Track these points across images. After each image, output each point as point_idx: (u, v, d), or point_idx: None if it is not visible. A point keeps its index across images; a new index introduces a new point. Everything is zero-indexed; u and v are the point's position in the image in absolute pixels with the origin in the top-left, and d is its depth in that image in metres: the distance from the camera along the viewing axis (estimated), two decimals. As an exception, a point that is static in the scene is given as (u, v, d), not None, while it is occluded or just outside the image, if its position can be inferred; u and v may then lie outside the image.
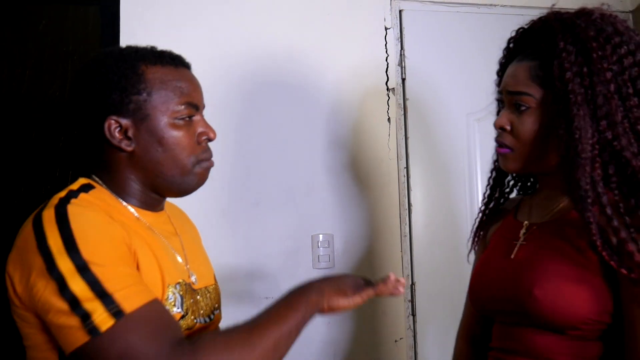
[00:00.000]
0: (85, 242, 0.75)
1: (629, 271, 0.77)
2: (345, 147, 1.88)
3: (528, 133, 0.90)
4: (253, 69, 1.84)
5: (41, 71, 1.75)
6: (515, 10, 2.08)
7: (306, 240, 1.82)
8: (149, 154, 0.90)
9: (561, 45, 0.85)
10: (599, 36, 0.84)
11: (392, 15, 1.97)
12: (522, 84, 0.91)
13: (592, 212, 0.81)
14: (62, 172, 1.72)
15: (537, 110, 0.89)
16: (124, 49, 0.94)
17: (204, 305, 0.97)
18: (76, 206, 0.80)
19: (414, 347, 1.86)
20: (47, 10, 1.78)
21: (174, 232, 1.00)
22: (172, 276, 0.89)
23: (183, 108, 0.91)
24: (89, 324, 0.70)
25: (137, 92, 0.88)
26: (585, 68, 0.83)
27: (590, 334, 0.82)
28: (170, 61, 0.93)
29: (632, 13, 2.19)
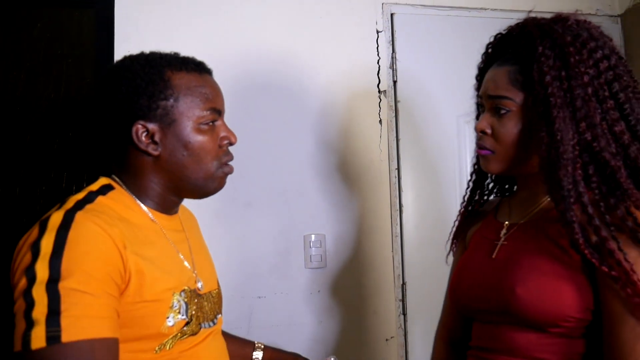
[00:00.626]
0: (71, 256, 0.76)
1: (609, 269, 0.79)
2: (337, 148, 1.90)
3: (509, 136, 0.92)
4: (246, 72, 1.86)
5: (36, 74, 1.77)
6: (505, 14, 2.10)
7: (298, 240, 1.85)
8: (174, 158, 0.92)
9: (540, 50, 0.87)
10: (575, 41, 0.87)
11: (383, 18, 2.00)
12: (503, 88, 0.92)
13: (574, 211, 0.83)
14: (57, 174, 1.74)
15: (518, 113, 0.91)
16: (149, 54, 0.96)
17: (209, 310, 0.99)
18: (85, 215, 0.81)
19: (405, 345, 1.88)
20: (42, 14, 1.80)
21: (184, 238, 1.02)
22: (179, 282, 0.91)
23: (208, 113, 0.94)
24: (27, 336, 0.71)
25: (164, 98, 0.91)
26: (564, 72, 0.86)
27: (571, 331, 0.84)
28: (195, 67, 0.97)
29: (620, 17, 2.22)
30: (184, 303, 0.90)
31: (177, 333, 0.89)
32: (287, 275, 1.83)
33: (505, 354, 0.89)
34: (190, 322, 0.91)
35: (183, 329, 0.90)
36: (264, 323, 1.79)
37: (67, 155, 1.76)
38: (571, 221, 0.82)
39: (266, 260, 1.82)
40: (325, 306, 1.84)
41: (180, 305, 0.89)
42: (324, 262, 1.85)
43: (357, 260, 1.89)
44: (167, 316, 0.87)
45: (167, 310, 0.87)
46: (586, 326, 0.83)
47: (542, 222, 0.92)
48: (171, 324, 0.87)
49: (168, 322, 0.87)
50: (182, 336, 0.90)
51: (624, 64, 0.89)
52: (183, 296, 0.91)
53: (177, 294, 0.90)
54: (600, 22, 2.16)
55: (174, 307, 0.88)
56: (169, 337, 0.87)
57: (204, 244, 1.16)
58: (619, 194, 0.82)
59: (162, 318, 0.86)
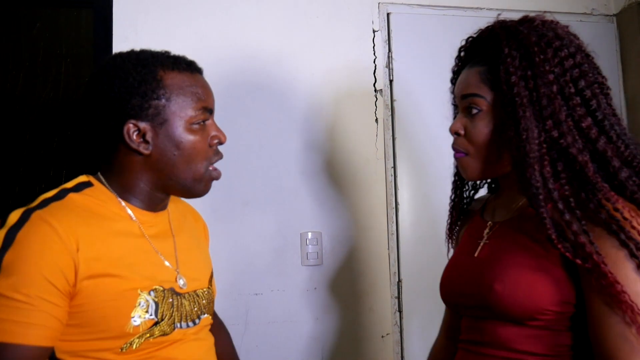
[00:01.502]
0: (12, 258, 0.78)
1: (583, 261, 0.80)
2: (333, 147, 1.92)
3: (481, 136, 0.94)
4: (243, 71, 1.88)
5: (35, 73, 1.79)
6: (502, 14, 2.12)
7: (295, 238, 1.86)
8: (165, 157, 0.92)
9: (506, 51, 0.89)
10: (540, 41, 0.89)
11: (380, 18, 2.01)
12: (474, 86, 0.95)
13: (546, 207, 0.84)
14: (55, 172, 1.76)
15: (488, 113, 0.93)
16: (140, 53, 0.96)
17: (190, 310, 0.96)
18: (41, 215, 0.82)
19: (401, 342, 1.90)
20: (41, 14, 1.82)
21: (169, 235, 1.01)
22: (148, 282, 0.90)
23: (199, 113, 0.94)
24: None
25: (156, 98, 0.91)
26: (529, 71, 0.88)
27: (552, 324, 0.85)
28: (186, 67, 0.96)
29: (615, 16, 2.23)
30: (153, 302, 0.89)
31: (145, 333, 0.87)
32: (284, 273, 1.85)
33: (490, 347, 0.92)
34: (161, 322, 0.90)
35: (151, 328, 0.88)
36: (261, 320, 1.81)
37: (66, 154, 1.77)
38: (543, 217, 0.84)
39: (263, 257, 1.83)
40: (322, 303, 1.86)
41: (149, 305, 0.88)
42: (321, 259, 1.87)
43: (353, 258, 1.91)
44: (132, 315, 0.86)
45: (132, 309, 0.86)
46: (571, 318, 0.85)
47: (522, 219, 0.93)
48: (137, 324, 0.86)
49: (133, 322, 0.86)
50: (151, 336, 0.88)
51: (590, 61, 0.91)
52: (153, 295, 0.89)
53: (145, 293, 0.88)
54: (595, 22, 2.19)
55: (141, 306, 0.87)
56: (134, 337, 0.86)
57: (200, 241, 1.14)
58: (589, 188, 0.83)
59: (125, 318, 0.85)
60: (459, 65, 1.06)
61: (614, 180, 0.85)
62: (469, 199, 1.16)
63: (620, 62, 2.22)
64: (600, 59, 2.34)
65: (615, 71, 2.21)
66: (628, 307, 0.76)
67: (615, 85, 2.21)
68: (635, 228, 0.79)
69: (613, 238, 0.80)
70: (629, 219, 0.79)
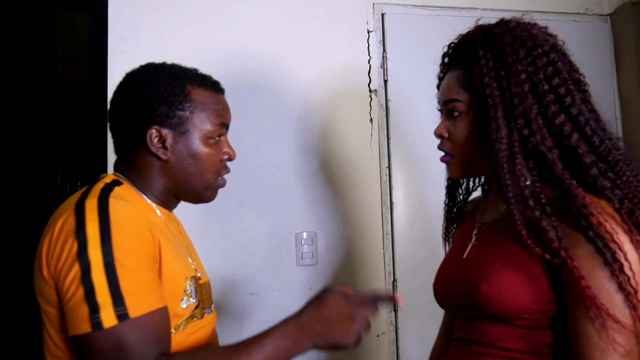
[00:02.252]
0: (119, 238, 0.83)
1: (552, 257, 0.82)
2: (328, 147, 1.93)
3: (462, 137, 0.97)
4: (238, 72, 1.89)
5: (31, 74, 1.79)
6: (496, 14, 2.11)
7: (290, 238, 1.87)
8: (181, 165, 1.00)
9: (480, 53, 0.92)
10: (514, 41, 0.90)
11: (374, 18, 2.02)
12: (453, 91, 0.98)
13: (517, 205, 0.86)
14: (51, 172, 1.76)
15: (468, 115, 0.96)
16: (172, 67, 1.04)
17: (206, 299, 1.05)
18: (117, 199, 0.88)
19: (396, 341, 1.91)
20: (36, 15, 1.82)
21: (180, 233, 1.10)
22: (188, 270, 0.98)
23: (217, 128, 1.02)
24: (96, 318, 0.78)
25: (182, 109, 0.99)
26: (503, 72, 0.90)
27: (535, 322, 0.86)
28: (212, 86, 1.05)
29: (609, 16, 2.24)
30: (193, 288, 0.97)
31: (189, 315, 0.94)
32: (279, 273, 1.86)
33: (479, 346, 0.93)
34: (199, 306, 0.98)
35: (194, 311, 0.95)
36: (257, 319, 1.81)
37: (62, 154, 1.78)
38: (514, 215, 0.86)
39: (259, 257, 1.84)
40: (317, 302, 1.86)
41: (192, 290, 0.96)
42: (316, 259, 1.88)
43: (348, 258, 1.91)
44: (182, 298, 0.93)
45: (182, 293, 0.93)
46: (552, 317, 0.86)
47: (506, 220, 0.94)
48: (185, 307, 0.93)
49: (182, 305, 0.93)
50: (192, 319, 0.95)
51: (566, 59, 0.93)
52: (192, 282, 0.97)
53: (189, 279, 0.96)
54: (590, 21, 2.20)
55: (187, 291, 0.94)
56: (183, 319, 0.93)
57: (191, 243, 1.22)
58: (559, 185, 0.85)
59: (178, 300, 0.92)
60: (443, 71, 1.08)
61: (586, 177, 0.86)
62: (462, 202, 1.18)
63: (614, 61, 2.23)
64: (595, 58, 2.36)
65: (610, 70, 2.22)
66: (593, 304, 0.78)
67: (609, 84, 2.22)
68: (602, 224, 0.80)
69: (581, 235, 0.81)
70: (596, 216, 0.80)
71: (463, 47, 1.00)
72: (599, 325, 0.78)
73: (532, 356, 0.87)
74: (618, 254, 0.78)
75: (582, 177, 0.86)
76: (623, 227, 0.81)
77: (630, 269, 0.78)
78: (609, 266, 0.78)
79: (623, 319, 0.77)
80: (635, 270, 0.78)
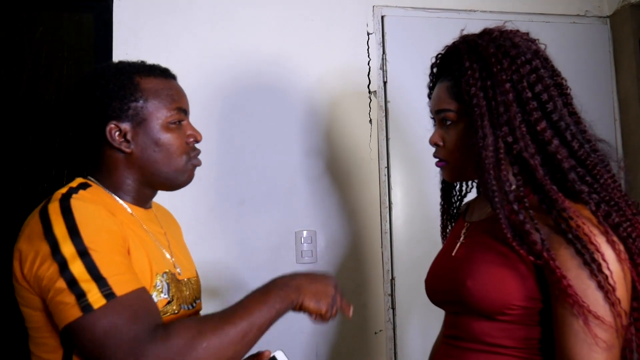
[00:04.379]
0: (86, 230, 0.85)
1: (536, 259, 0.86)
2: (328, 147, 1.96)
3: (454, 144, 1.01)
4: (240, 73, 1.93)
5: (38, 76, 1.83)
6: (494, 16, 2.15)
7: (290, 236, 1.91)
8: (146, 154, 1.01)
9: (467, 65, 0.96)
10: (498, 51, 0.94)
11: (374, 20, 2.05)
12: (443, 101, 1.02)
13: (503, 209, 0.90)
14: (57, 172, 1.81)
15: (458, 123, 1.00)
16: (119, 63, 1.05)
17: (188, 295, 1.06)
18: (78, 200, 0.90)
19: (394, 339, 1.94)
20: (43, 18, 1.86)
21: (160, 231, 1.10)
22: (160, 266, 0.98)
23: (175, 113, 1.03)
24: (84, 301, 0.79)
25: (134, 100, 1.00)
26: (488, 81, 0.93)
27: (519, 318, 0.90)
28: (160, 73, 1.06)
29: (609, 18, 2.26)
30: (165, 284, 0.98)
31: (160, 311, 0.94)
32: (279, 271, 1.84)
33: (466, 341, 0.97)
34: (172, 301, 0.98)
35: (165, 307, 0.96)
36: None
37: (67, 154, 1.82)
38: (499, 218, 0.90)
39: (258, 255, 1.88)
40: (316, 300, 1.90)
41: (163, 286, 0.97)
42: (315, 257, 1.91)
43: (347, 256, 1.95)
44: (151, 294, 0.92)
45: (151, 289, 0.94)
46: (537, 313, 0.89)
47: (492, 219, 0.98)
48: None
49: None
50: (164, 314, 0.96)
51: (548, 65, 0.97)
52: (165, 277, 0.98)
53: (160, 275, 0.97)
54: (589, 23, 2.21)
55: (157, 287, 0.95)
56: None
57: (181, 239, 1.23)
58: (540, 190, 0.89)
59: None
60: (433, 81, 1.12)
61: (565, 181, 0.90)
62: (457, 202, 1.22)
63: (613, 62, 2.25)
64: (594, 59, 2.37)
65: (609, 72, 2.24)
66: (575, 302, 0.81)
67: (608, 86, 2.23)
68: (580, 227, 0.84)
69: (561, 237, 0.85)
70: (574, 219, 0.84)
71: (449, 58, 1.03)
72: (583, 322, 0.81)
73: (516, 351, 0.91)
74: (596, 255, 0.82)
75: (562, 182, 0.90)
76: (600, 229, 0.85)
77: (607, 269, 0.82)
78: (588, 266, 0.82)
79: (604, 316, 0.81)
80: (613, 269, 0.82)
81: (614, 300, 0.81)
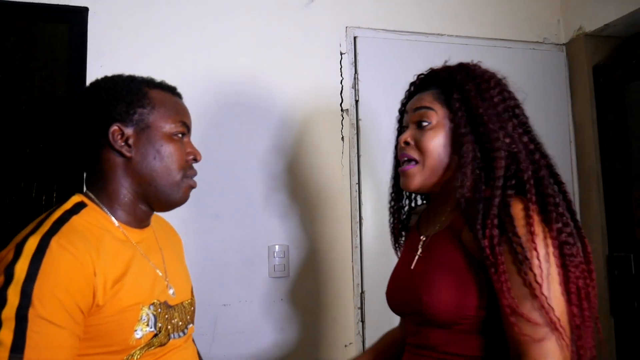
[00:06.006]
0: (42, 285, 0.80)
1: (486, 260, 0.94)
2: (301, 163, 2.00)
3: (430, 145, 1.07)
4: (214, 89, 1.95)
5: (9, 86, 1.79)
6: (460, 40, 2.25)
7: (263, 250, 1.93)
8: (145, 161, 1.00)
9: (459, 79, 1.06)
10: (483, 75, 1.07)
11: (347, 41, 2.12)
12: (428, 101, 1.09)
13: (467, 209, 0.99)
14: (26, 184, 1.77)
15: (439, 126, 1.07)
16: (129, 75, 1.07)
17: (179, 321, 1.04)
18: (59, 241, 0.85)
19: (362, 351, 1.98)
20: (15, 27, 1.83)
21: (157, 249, 1.08)
22: (148, 297, 0.96)
23: (179, 125, 1.04)
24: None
25: (141, 106, 1.01)
26: (478, 97, 1.04)
27: (473, 327, 0.97)
28: (168, 89, 1.08)
29: (565, 45, 2.40)
30: (152, 316, 0.95)
31: (145, 345, 0.93)
32: (252, 284, 1.91)
33: (425, 349, 1.04)
34: (159, 334, 0.96)
35: (151, 340, 0.94)
36: (228, 330, 1.86)
37: (38, 166, 1.79)
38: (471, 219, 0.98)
39: (232, 269, 1.89)
40: (288, 313, 1.93)
41: (149, 318, 0.94)
42: (287, 271, 1.94)
43: (318, 270, 1.98)
44: (135, 329, 0.91)
45: (136, 323, 0.92)
46: (482, 322, 0.97)
47: (445, 232, 1.07)
48: (139, 337, 0.92)
49: (136, 335, 0.91)
50: (150, 347, 0.94)
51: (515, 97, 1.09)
52: (152, 309, 0.96)
53: (146, 307, 0.95)
54: (547, 50, 2.34)
55: (142, 320, 0.93)
56: (136, 349, 0.92)
57: (180, 255, 1.22)
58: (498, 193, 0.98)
59: (129, 331, 0.91)
60: (407, 96, 1.21)
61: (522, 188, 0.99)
62: (406, 218, 1.29)
63: (569, 88, 2.38)
64: (551, 84, 2.51)
65: (565, 96, 2.37)
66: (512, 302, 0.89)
67: (564, 109, 2.37)
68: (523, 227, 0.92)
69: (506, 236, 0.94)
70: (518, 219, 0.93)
71: (436, 75, 1.12)
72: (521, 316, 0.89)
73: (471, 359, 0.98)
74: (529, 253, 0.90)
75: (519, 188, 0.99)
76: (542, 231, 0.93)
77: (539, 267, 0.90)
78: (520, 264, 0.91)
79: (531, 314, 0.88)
80: (543, 268, 0.90)
81: (541, 298, 0.88)
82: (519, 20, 2.36)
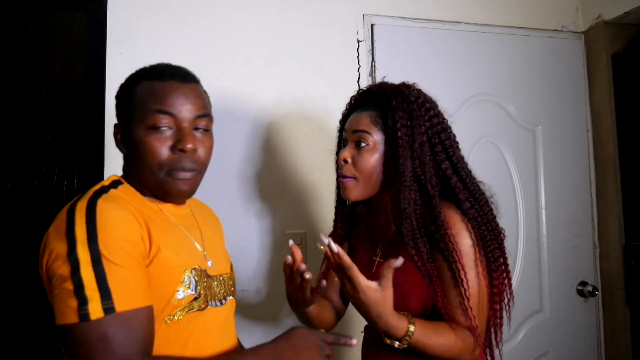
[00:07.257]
0: (105, 236, 0.87)
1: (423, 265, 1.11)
2: (319, 151, 2.00)
3: (367, 165, 1.20)
4: (233, 75, 1.95)
5: (29, 73, 1.81)
6: (477, 28, 2.24)
7: (280, 237, 1.94)
8: (132, 156, 1.03)
9: (394, 103, 1.18)
10: (417, 100, 1.19)
11: (364, 29, 2.11)
12: (365, 125, 1.21)
13: (406, 225, 1.12)
14: (48, 170, 1.79)
15: (374, 148, 1.19)
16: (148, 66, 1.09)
17: (218, 291, 1.07)
18: (105, 201, 0.92)
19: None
20: (35, 15, 1.84)
21: (195, 224, 1.12)
22: (189, 261, 1.00)
23: (153, 115, 0.98)
24: (84, 309, 0.82)
25: (127, 102, 1.03)
26: (409, 122, 1.16)
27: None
28: (157, 75, 1.03)
29: (583, 34, 2.38)
30: (194, 280, 0.99)
31: (186, 306, 0.97)
32: (270, 272, 1.92)
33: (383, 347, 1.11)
34: (199, 297, 1.00)
35: (191, 302, 0.98)
36: (247, 316, 1.88)
37: (58, 152, 1.81)
38: (403, 233, 1.13)
39: (250, 256, 1.91)
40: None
41: (191, 282, 0.98)
42: (305, 258, 1.93)
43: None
44: (177, 289, 0.95)
45: (178, 284, 0.96)
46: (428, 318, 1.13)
47: (398, 239, 1.17)
48: (180, 297, 0.96)
49: (178, 295, 0.95)
50: (190, 310, 0.98)
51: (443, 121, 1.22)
52: (193, 273, 0.99)
53: (188, 271, 0.98)
54: (565, 38, 2.32)
55: (185, 282, 0.97)
56: (177, 309, 0.96)
57: (220, 235, 1.27)
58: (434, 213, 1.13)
59: (172, 290, 0.95)
60: (349, 110, 1.32)
61: (459, 206, 1.14)
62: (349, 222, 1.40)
63: (587, 76, 2.36)
64: (569, 73, 2.48)
65: (582, 85, 2.35)
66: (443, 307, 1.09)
67: (581, 98, 2.35)
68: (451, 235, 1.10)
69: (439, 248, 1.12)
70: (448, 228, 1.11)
71: (374, 94, 1.23)
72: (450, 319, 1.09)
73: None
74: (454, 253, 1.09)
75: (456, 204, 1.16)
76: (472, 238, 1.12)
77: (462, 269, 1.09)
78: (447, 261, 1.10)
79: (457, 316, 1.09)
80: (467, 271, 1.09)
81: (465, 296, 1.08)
82: (536, 8, 2.34)
